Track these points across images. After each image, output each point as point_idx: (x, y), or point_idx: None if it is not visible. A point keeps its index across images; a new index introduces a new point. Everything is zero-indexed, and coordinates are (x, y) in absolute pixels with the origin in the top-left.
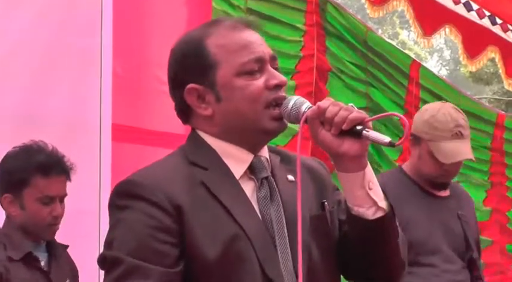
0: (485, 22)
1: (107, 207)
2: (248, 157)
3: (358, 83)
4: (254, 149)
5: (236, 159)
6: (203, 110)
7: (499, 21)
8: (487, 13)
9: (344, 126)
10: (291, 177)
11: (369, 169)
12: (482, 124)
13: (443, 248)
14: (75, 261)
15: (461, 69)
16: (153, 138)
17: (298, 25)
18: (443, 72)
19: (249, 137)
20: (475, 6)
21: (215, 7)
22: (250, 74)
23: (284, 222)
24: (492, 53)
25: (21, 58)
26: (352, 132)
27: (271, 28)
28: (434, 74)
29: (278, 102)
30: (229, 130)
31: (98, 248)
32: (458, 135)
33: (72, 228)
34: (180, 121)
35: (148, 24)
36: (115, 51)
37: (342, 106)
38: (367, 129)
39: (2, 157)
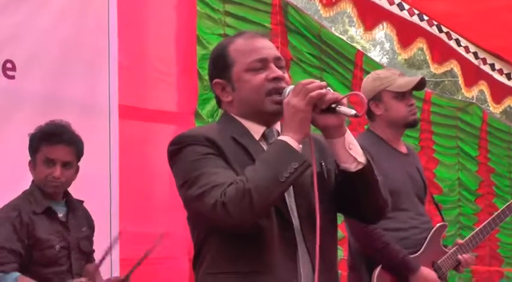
0: (415, 19)
1: (116, 173)
2: (261, 129)
3: (314, 69)
4: (265, 124)
5: (252, 130)
6: (225, 98)
7: (425, 18)
8: (416, 11)
9: (323, 106)
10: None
11: (348, 134)
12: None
13: (412, 194)
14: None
15: (398, 57)
16: (152, 115)
17: (266, 24)
18: (384, 60)
19: (258, 116)
20: (406, 6)
21: (199, 10)
22: (255, 70)
23: None
24: (421, 44)
25: (44, 52)
26: (329, 109)
27: (244, 27)
28: (375, 61)
29: (278, 91)
30: (244, 111)
31: (109, 206)
32: (403, 74)
33: (88, 189)
34: (172, 101)
35: (146, 24)
36: (120, 46)
37: (322, 92)
38: (339, 106)
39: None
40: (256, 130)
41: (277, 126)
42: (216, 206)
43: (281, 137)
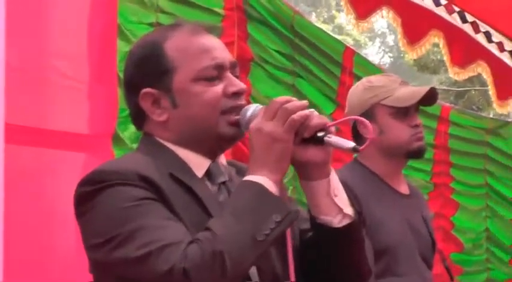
0: (428, 3)
1: None
2: (205, 163)
3: (283, 73)
4: (211, 155)
5: (193, 164)
6: (158, 116)
7: (443, 1)
8: None
9: (306, 134)
10: None
11: (333, 175)
12: (424, 118)
13: (414, 253)
14: None
15: (405, 57)
16: (54, 139)
17: (217, 9)
18: (386, 60)
19: (205, 143)
20: None
21: None
22: (209, 80)
23: None
24: (435, 38)
25: None
26: (314, 139)
27: (186, 13)
28: (370, 63)
29: (236, 111)
30: (185, 136)
31: None
32: (406, 83)
33: None
34: (82, 118)
35: (47, 10)
36: (8, 40)
37: (302, 113)
38: (329, 135)
39: None
40: (199, 164)
41: (222, 158)
42: (172, 273)
43: (251, 177)
